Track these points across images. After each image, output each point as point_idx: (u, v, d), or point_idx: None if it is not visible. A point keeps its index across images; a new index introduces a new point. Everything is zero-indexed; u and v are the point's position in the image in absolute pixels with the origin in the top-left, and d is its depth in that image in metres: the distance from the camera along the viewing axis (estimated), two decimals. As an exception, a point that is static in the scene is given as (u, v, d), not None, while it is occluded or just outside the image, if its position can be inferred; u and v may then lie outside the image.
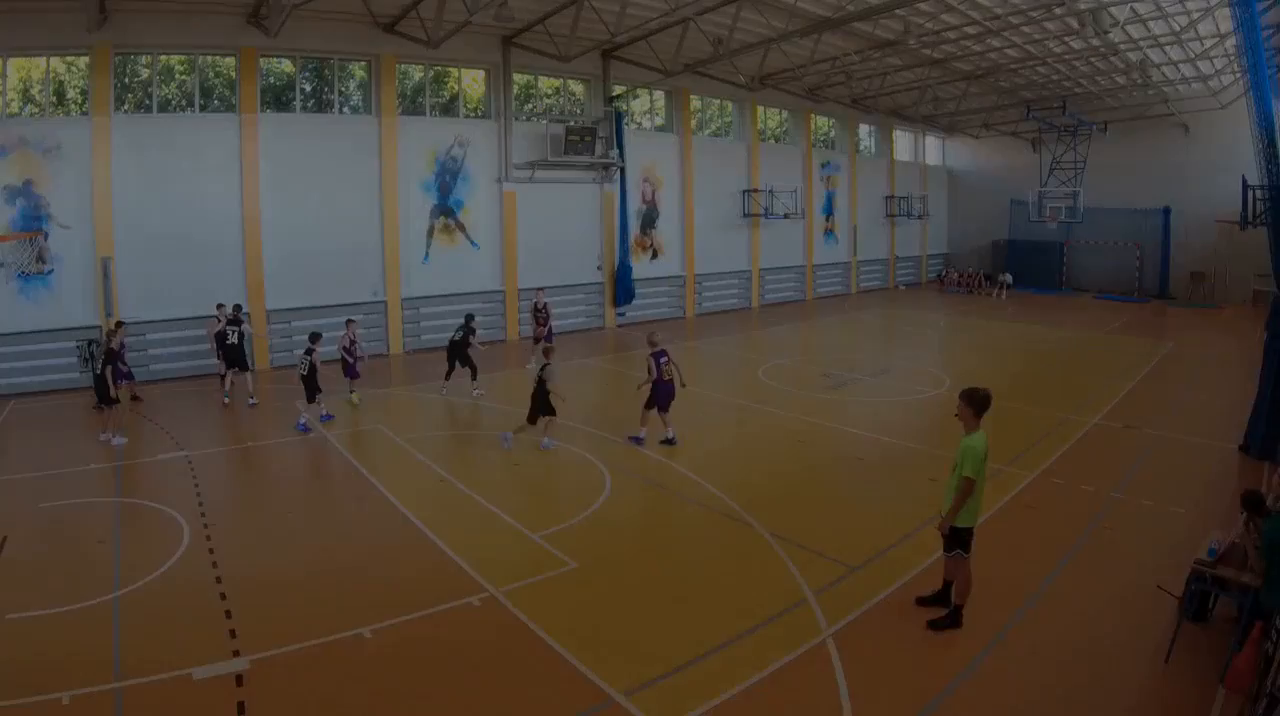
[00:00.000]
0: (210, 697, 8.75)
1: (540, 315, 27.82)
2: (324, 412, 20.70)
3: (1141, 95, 43.30)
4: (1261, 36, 17.57)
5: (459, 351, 23.91)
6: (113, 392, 19.19)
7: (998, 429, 11.16)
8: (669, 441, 18.51)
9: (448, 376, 23.93)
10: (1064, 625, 10.25)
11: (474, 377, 23.91)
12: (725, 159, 42.25)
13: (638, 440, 18.66)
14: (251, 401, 23.12)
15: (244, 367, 23.64)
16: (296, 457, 18.54)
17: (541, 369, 18.37)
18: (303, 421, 20.07)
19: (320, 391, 20.46)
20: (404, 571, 12.19)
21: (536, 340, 27.12)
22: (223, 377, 23.48)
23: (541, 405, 18.22)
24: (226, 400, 23.00)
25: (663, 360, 18.41)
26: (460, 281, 32.94)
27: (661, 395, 18.48)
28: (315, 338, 20.65)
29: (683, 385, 18.80)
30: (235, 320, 23.60)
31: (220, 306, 24.33)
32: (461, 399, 23.41)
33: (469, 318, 24.62)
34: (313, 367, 20.21)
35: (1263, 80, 16.98)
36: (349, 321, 23.30)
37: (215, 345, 23.84)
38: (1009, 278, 49.51)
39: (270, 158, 28.45)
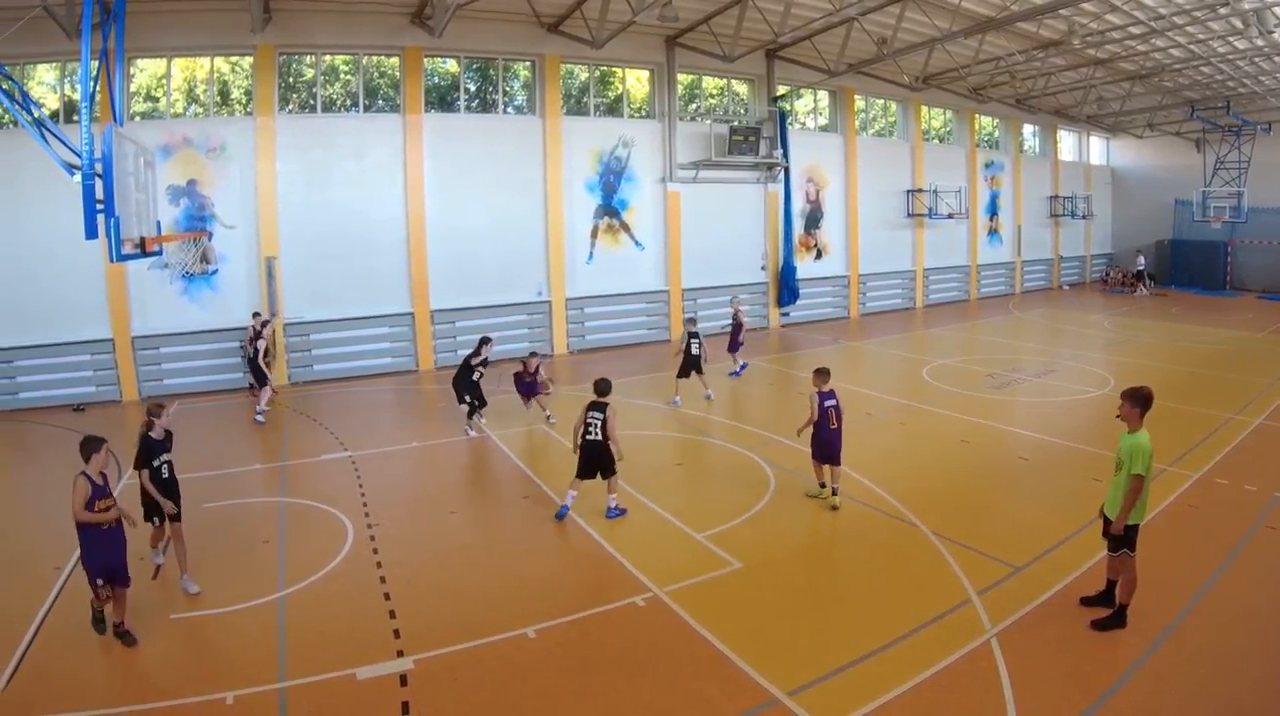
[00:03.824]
0: (374, 697, 8.20)
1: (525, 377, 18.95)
2: (615, 506, 13.22)
3: (1306, 95, 38.24)
4: None
5: (464, 380, 18.13)
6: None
7: (1161, 429, 9.70)
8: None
9: (464, 405, 18.61)
10: (1228, 625, 9.29)
11: (481, 408, 18.48)
12: (889, 159, 38.16)
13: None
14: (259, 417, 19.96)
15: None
16: (460, 458, 17.09)
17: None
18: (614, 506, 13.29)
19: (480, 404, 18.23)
20: (568, 571, 11.48)
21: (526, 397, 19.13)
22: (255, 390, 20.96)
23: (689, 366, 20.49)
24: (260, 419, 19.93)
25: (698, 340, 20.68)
26: (624, 282, 30.00)
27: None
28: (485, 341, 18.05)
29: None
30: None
31: (256, 315, 22.05)
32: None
33: (482, 341, 18.56)
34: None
35: None
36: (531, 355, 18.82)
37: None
38: (1142, 260, 45.57)
39: (434, 158, 26.00)
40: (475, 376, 17.88)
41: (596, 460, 12.90)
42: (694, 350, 20.48)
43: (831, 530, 12.82)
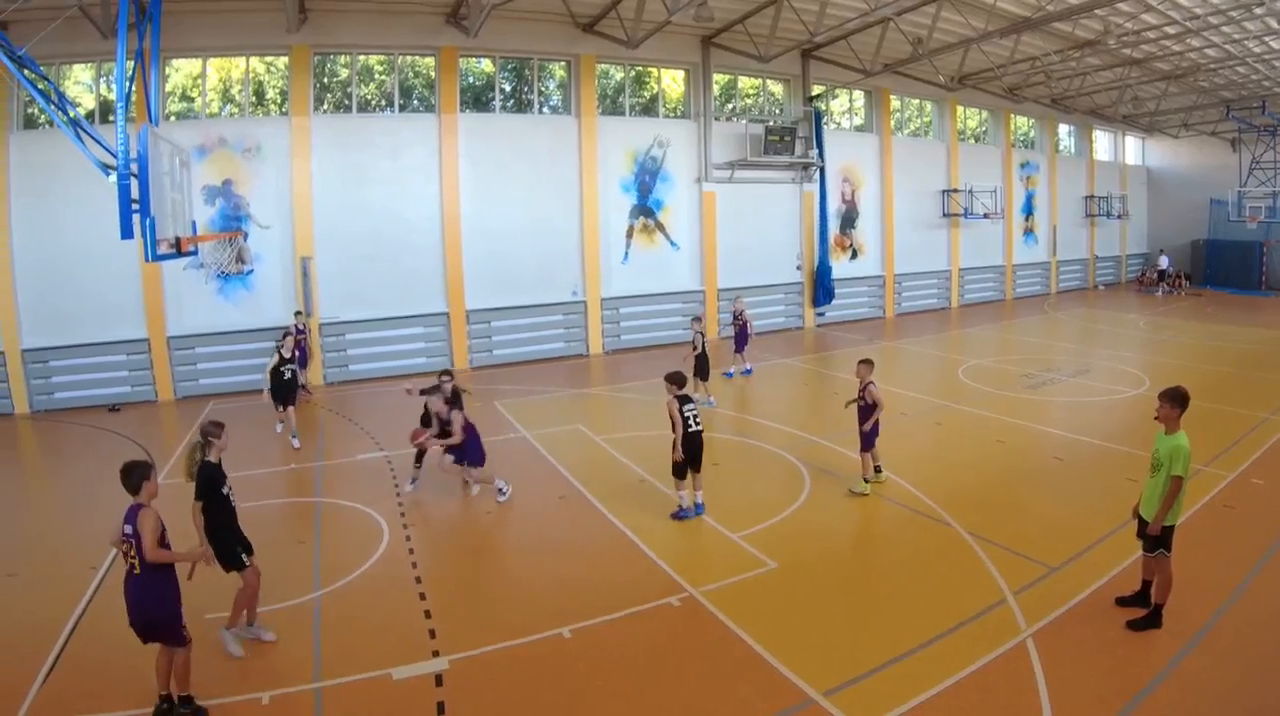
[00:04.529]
0: (410, 698, 8.05)
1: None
2: (681, 510, 12.72)
3: (1342, 95, 37.46)
4: None
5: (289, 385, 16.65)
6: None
7: (1196, 429, 9.49)
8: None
9: (419, 460, 14.63)
10: (1264, 624, 9.11)
11: (457, 460, 14.09)
12: (924, 159, 37.48)
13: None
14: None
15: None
16: (497, 458, 16.11)
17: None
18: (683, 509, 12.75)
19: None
20: (604, 571, 11.15)
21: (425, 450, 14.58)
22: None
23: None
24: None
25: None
26: (659, 282, 29.49)
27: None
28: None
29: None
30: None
31: (298, 314, 21.52)
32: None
33: (443, 374, 14.56)
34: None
35: None
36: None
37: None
38: (1165, 260, 45.14)
39: (470, 158, 25.60)
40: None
41: (699, 449, 12.61)
42: (705, 349, 20.15)
43: (867, 530, 12.74)
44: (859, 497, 13.43)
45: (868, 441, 13.51)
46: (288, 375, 17.36)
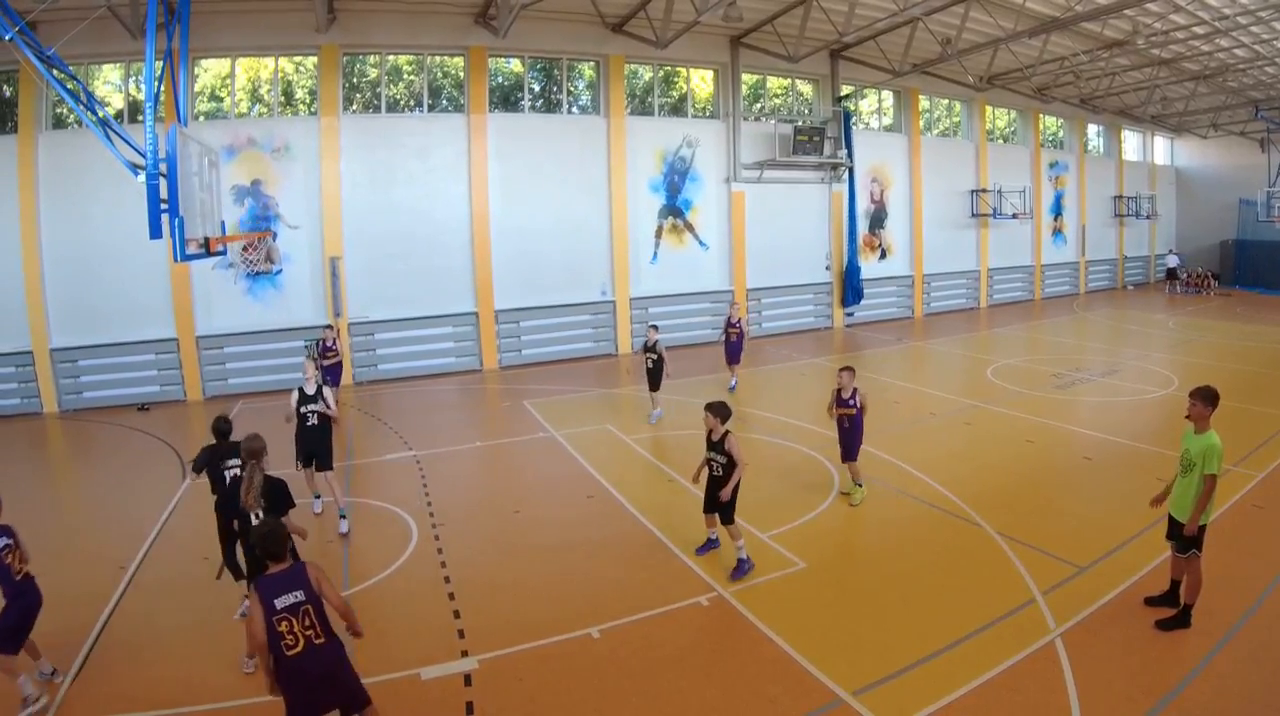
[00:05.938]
0: (439, 697, 7.99)
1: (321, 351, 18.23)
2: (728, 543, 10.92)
3: (1371, 94, 36.88)
4: None
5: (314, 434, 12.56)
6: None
7: (1225, 429, 9.19)
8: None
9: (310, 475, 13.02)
10: None
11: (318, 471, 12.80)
12: (953, 159, 36.96)
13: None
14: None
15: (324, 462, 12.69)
16: (525, 457, 16.65)
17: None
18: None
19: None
20: (632, 571, 10.96)
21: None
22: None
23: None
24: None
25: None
26: (688, 281, 29.15)
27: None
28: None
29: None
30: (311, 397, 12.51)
31: (329, 328, 20.52)
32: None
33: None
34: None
35: None
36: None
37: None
38: (1174, 259, 44.92)
39: (499, 158, 25.33)
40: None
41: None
42: (663, 356, 18.58)
43: (896, 530, 12.46)
44: (888, 497, 13.29)
45: (855, 449, 13.07)
46: (311, 420, 12.49)
